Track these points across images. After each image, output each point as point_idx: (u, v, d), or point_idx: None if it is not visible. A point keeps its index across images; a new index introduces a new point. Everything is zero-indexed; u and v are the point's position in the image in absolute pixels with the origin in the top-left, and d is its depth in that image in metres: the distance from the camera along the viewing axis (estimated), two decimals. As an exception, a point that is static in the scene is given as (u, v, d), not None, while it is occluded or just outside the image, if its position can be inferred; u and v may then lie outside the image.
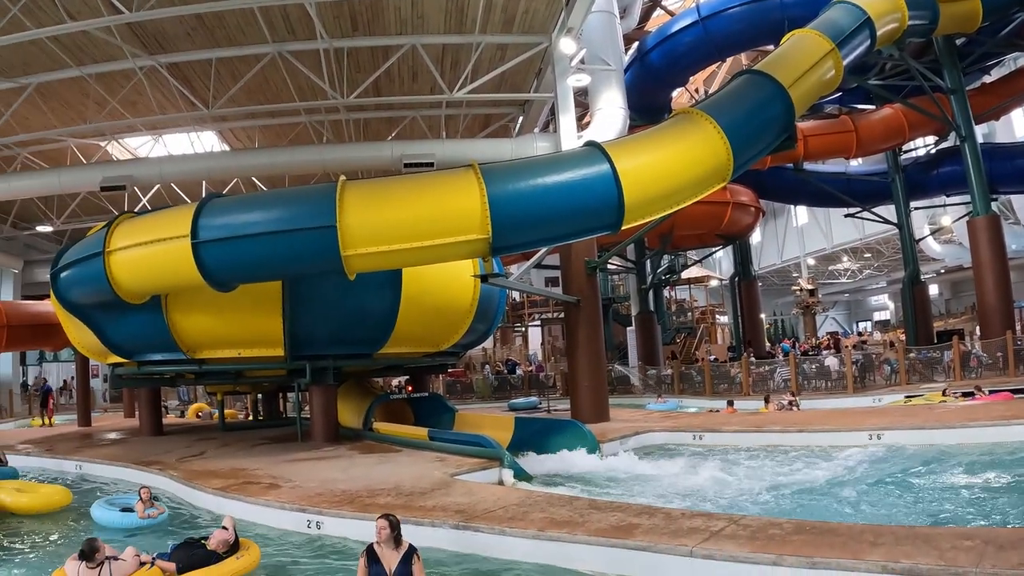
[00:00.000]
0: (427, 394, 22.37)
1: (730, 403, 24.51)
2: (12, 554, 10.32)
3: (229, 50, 21.72)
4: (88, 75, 22.42)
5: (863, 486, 11.74)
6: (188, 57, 21.97)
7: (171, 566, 8.39)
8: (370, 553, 7.23)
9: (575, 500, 10.32)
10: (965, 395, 20.61)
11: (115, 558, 7.99)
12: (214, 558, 8.58)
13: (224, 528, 9.02)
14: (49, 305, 22.87)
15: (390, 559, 7.16)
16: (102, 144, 28.39)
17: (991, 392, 20.55)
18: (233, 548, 8.84)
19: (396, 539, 7.26)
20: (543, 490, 12.04)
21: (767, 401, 23.93)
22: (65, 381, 44.84)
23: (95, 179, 23.58)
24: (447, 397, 28.75)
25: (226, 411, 28.93)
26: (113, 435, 22.96)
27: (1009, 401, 19.07)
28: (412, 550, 7.27)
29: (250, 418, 27.90)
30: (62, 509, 13.14)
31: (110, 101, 23.58)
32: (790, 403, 22.85)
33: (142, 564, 8.21)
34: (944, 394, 21.27)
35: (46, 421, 30.43)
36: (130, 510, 11.70)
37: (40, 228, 35.79)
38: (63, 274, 16.95)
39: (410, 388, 24.40)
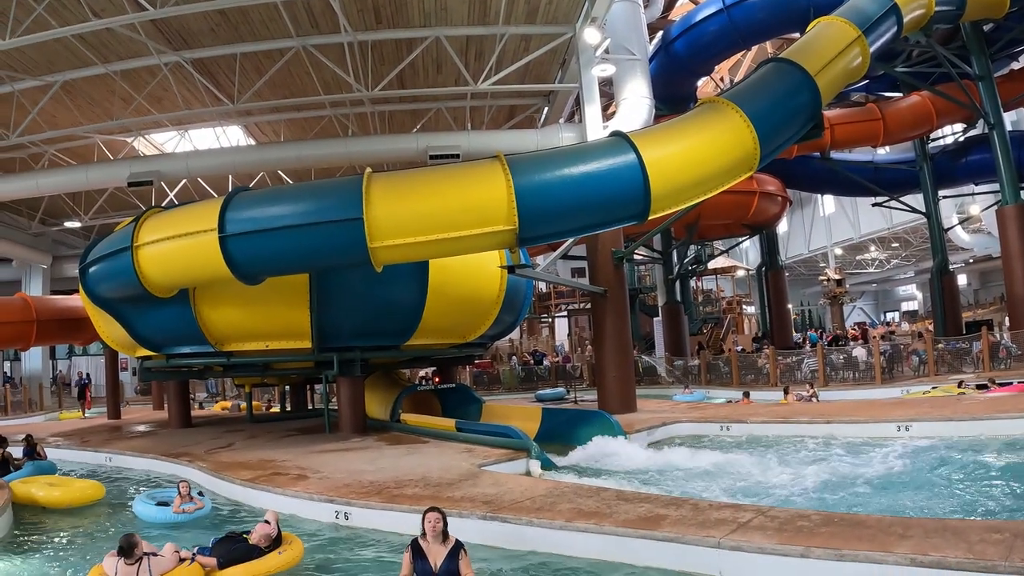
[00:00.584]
0: (454, 385, 22.40)
1: (746, 394, 24.56)
2: (47, 549, 10.21)
3: (253, 45, 21.85)
4: (114, 72, 22.61)
5: (892, 478, 11.64)
6: (212, 53, 22.10)
7: (211, 561, 8.22)
8: (415, 548, 6.95)
9: (603, 491, 10.28)
10: (979, 387, 20.66)
11: (154, 554, 7.83)
12: (255, 553, 8.42)
13: (266, 522, 8.79)
14: (78, 300, 23.10)
15: (436, 554, 6.89)
16: (129, 140, 28.67)
17: (1000, 384, 20.55)
18: (275, 543, 8.66)
19: (444, 533, 6.99)
20: (571, 481, 12.03)
21: (786, 392, 23.84)
22: (79, 374, 45.49)
23: (122, 175, 23.80)
24: (474, 388, 28.79)
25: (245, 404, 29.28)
26: (142, 427, 23.13)
27: (1022, 393, 19.02)
28: (459, 545, 7.02)
29: (275, 410, 28.07)
30: (95, 503, 13.00)
31: (136, 97, 23.78)
32: (810, 395, 22.77)
33: (182, 560, 8.01)
34: (959, 386, 21.27)
35: (83, 412, 30.83)
36: (167, 504, 11.46)
37: (68, 224, 36.15)
38: (92, 269, 17.09)
39: (437, 379, 24.44)
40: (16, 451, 16.34)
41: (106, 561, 7.69)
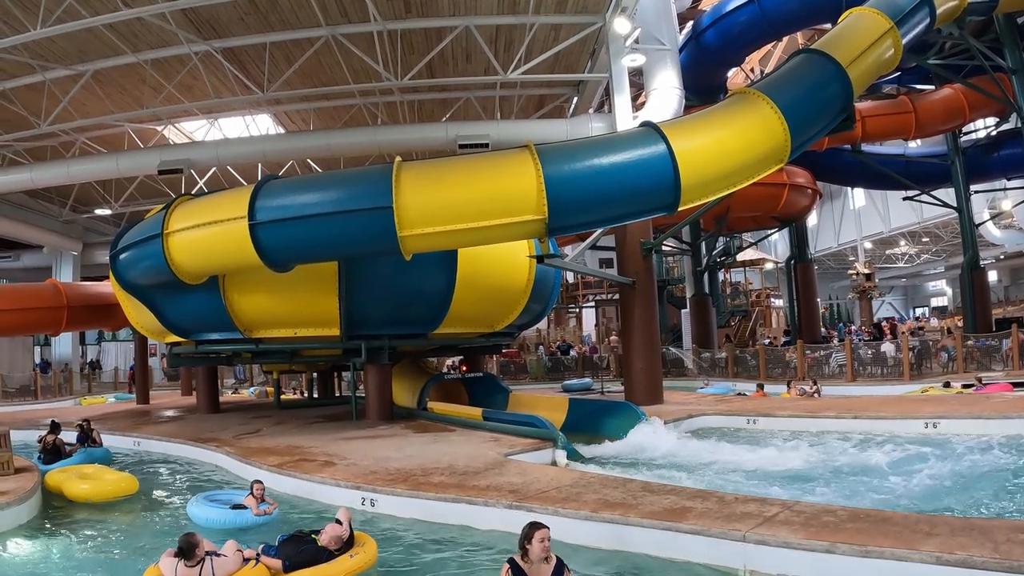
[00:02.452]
0: (481, 374, 22.45)
1: (760, 387, 24.59)
2: (82, 549, 9.58)
3: (283, 34, 21.90)
4: (144, 61, 22.78)
5: (919, 475, 11.54)
6: (242, 42, 22.18)
7: (277, 563, 7.71)
8: (514, 568, 6.25)
9: (629, 482, 10.28)
10: (966, 387, 20.84)
11: (216, 554, 7.41)
12: (324, 555, 7.85)
13: (338, 522, 8.16)
14: (108, 286, 23.30)
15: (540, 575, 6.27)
16: (159, 128, 28.90)
17: (985, 384, 20.80)
18: (347, 544, 8.07)
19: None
20: (597, 471, 12.05)
21: (789, 386, 24.03)
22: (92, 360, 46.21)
23: (152, 163, 24.03)
24: (501, 377, 28.83)
25: (268, 389, 29.49)
26: (170, 412, 23.37)
27: (1008, 392, 19.27)
28: (562, 564, 6.38)
29: (300, 396, 28.26)
30: (128, 497, 12.30)
31: (166, 86, 23.91)
32: (813, 391, 22.88)
33: (246, 560, 7.56)
34: (946, 386, 21.49)
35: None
36: (241, 507, 10.47)
37: (99, 211, 36.61)
38: (122, 256, 17.27)
39: (464, 368, 24.51)
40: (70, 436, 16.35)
41: (163, 561, 7.30)
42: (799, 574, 7.02)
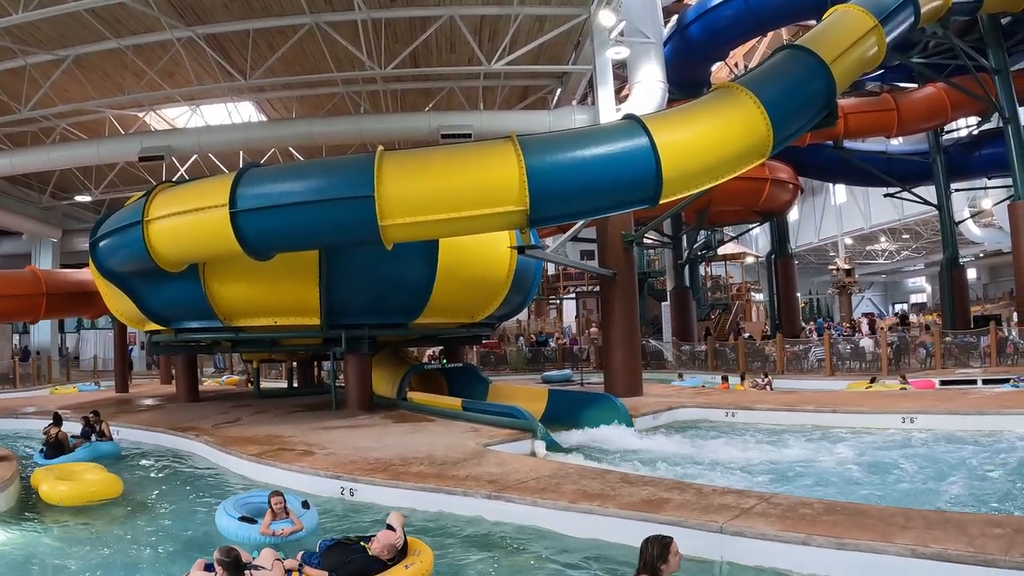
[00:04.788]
0: (461, 365, 22.44)
1: (724, 379, 25.20)
2: (54, 546, 9.01)
3: (266, 21, 21.81)
4: (126, 47, 22.62)
5: (895, 469, 11.66)
6: (225, 28, 22.08)
7: (322, 575, 7.00)
8: None
9: (607, 473, 10.33)
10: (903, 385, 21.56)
11: (253, 566, 6.64)
12: (377, 566, 6.95)
13: (390, 528, 7.23)
14: (87, 273, 23.15)
15: None
16: (140, 115, 28.72)
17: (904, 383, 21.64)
18: (401, 553, 7.15)
19: None
20: (575, 462, 12.05)
21: (743, 378, 24.78)
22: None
23: (133, 149, 23.90)
24: (481, 368, 28.83)
25: (228, 380, 29.43)
26: (149, 401, 23.25)
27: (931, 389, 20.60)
28: None
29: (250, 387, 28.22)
30: (111, 501, 10.96)
31: (148, 72, 23.79)
32: (764, 384, 23.61)
33: (288, 572, 6.87)
34: (872, 382, 22.30)
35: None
36: (250, 520, 8.97)
37: (79, 198, 36.31)
38: (102, 243, 17.16)
39: (440, 356, 24.50)
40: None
41: (194, 575, 6.67)
42: (776, 565, 7.06)
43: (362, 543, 7.23)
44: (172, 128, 29.66)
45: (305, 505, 9.28)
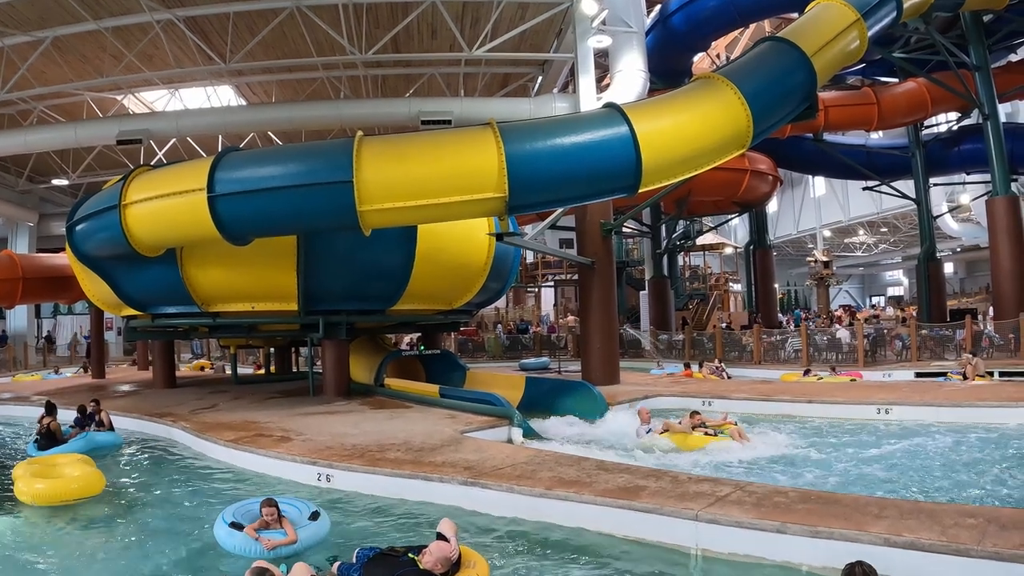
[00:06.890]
0: (439, 351, 22.42)
1: (687, 365, 25.91)
2: (16, 541, 8.58)
3: (247, 4, 21.63)
4: (105, 28, 22.37)
5: (869, 459, 11.72)
6: (205, 11, 21.90)
7: None
8: None
9: (583, 460, 10.34)
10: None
11: None
12: None
13: (444, 539, 6.51)
14: (64, 258, 23.00)
15: None
16: (118, 98, 28.43)
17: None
18: (455, 566, 6.44)
19: None
20: (552, 449, 12.07)
21: (701, 365, 25.39)
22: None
23: (111, 133, 23.68)
24: (459, 355, 28.83)
25: (195, 364, 29.28)
26: (126, 387, 23.11)
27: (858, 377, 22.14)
28: None
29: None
30: (91, 499, 10.19)
31: (127, 55, 23.51)
32: (718, 369, 24.71)
33: None
34: (805, 375, 23.14)
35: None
36: (239, 527, 7.95)
37: (56, 182, 35.99)
38: (79, 227, 17.01)
39: (420, 343, 24.49)
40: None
41: None
42: (750, 553, 7.10)
43: (410, 555, 6.49)
44: (151, 112, 29.37)
45: (315, 516, 8.24)
